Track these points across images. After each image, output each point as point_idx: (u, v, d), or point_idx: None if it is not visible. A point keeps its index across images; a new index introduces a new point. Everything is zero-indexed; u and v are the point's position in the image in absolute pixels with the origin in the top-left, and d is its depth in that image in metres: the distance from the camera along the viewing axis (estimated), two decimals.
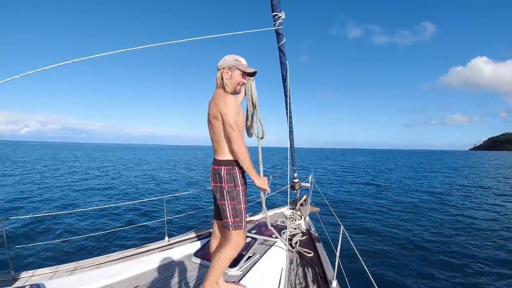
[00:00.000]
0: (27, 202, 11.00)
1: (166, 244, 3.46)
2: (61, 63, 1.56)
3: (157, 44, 1.80)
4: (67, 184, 15.80)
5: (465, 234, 7.59)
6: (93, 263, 2.92)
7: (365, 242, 6.92)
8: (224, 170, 2.02)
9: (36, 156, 45.43)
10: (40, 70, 1.52)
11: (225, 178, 2.01)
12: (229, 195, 2.01)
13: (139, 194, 13.28)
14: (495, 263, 5.75)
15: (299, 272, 2.78)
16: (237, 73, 2.07)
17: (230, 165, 2.03)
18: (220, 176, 2.02)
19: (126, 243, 6.57)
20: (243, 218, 2.05)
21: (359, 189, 15.73)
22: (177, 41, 1.90)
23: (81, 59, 1.57)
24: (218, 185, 2.03)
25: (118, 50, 1.69)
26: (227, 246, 2.05)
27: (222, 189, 2.02)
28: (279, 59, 3.21)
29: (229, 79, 2.06)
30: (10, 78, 1.36)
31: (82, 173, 21.79)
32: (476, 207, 11.18)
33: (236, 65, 2.05)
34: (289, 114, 3.74)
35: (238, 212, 2.03)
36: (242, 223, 2.05)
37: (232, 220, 2.02)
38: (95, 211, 9.05)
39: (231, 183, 2.01)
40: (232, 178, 2.02)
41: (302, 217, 4.49)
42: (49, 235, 7.09)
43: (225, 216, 2.03)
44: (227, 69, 2.06)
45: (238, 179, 2.04)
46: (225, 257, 2.04)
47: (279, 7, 2.73)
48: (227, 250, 2.04)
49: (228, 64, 2.05)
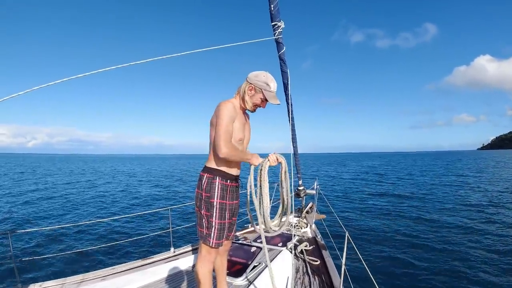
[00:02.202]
0: (34, 215, 11.05)
1: (172, 255, 3.45)
2: (65, 78, 1.60)
3: (158, 58, 1.83)
4: (73, 196, 15.88)
5: (483, 243, 7.30)
6: (99, 275, 2.92)
7: (371, 249, 6.82)
8: (206, 177, 1.95)
9: (43, 168, 45.77)
10: (44, 85, 1.56)
11: (204, 187, 1.94)
12: (205, 205, 1.94)
13: (145, 205, 13.29)
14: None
15: (306, 281, 2.75)
16: (259, 96, 2.01)
17: (212, 174, 1.95)
18: (201, 182, 1.97)
19: (132, 254, 6.55)
20: (213, 234, 1.92)
21: (365, 195, 15.55)
22: (179, 53, 1.93)
23: (85, 74, 1.60)
24: (199, 192, 1.97)
25: (122, 65, 1.73)
26: (198, 261, 2.00)
27: (200, 197, 1.95)
28: (280, 68, 3.24)
29: (250, 97, 2.01)
30: (15, 94, 1.40)
31: (87, 185, 21.90)
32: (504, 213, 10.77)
33: (263, 89, 1.98)
34: (291, 122, 3.75)
35: (210, 225, 1.93)
36: (210, 238, 1.92)
37: (205, 231, 1.94)
38: (101, 223, 9.06)
39: (208, 192, 1.93)
40: (209, 188, 1.93)
41: (308, 225, 4.45)
42: (56, 248, 7.11)
43: (200, 224, 1.97)
44: (254, 87, 1.99)
45: (216, 190, 1.93)
46: (200, 273, 1.96)
47: (278, 16, 2.76)
48: (198, 266, 1.98)
49: (257, 84, 1.98)
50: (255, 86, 1.98)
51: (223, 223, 1.97)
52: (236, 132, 1.95)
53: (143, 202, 14.15)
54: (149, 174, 34.38)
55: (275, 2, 2.71)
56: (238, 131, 1.97)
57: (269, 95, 2.00)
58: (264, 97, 2.00)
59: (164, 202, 14.09)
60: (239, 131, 1.98)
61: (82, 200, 14.52)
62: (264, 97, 2.01)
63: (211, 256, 1.98)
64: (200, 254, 1.99)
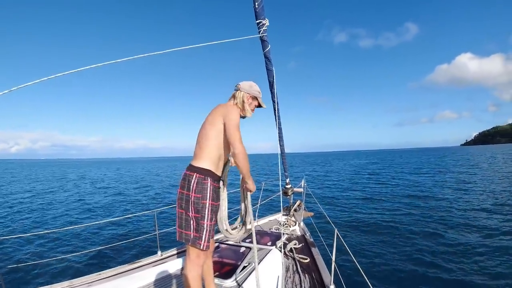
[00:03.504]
0: (16, 221, 10.65)
1: (159, 258, 3.38)
2: (44, 78, 1.53)
3: (141, 55, 1.78)
4: (55, 202, 15.37)
5: (466, 233, 7.55)
6: (86, 281, 2.84)
7: (360, 244, 6.92)
8: (196, 177, 1.89)
9: (25, 174, 44.29)
10: (22, 86, 1.49)
11: (194, 187, 1.88)
12: (194, 206, 1.87)
13: (130, 209, 13.01)
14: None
15: (296, 279, 2.75)
16: (255, 103, 2.24)
17: (204, 175, 1.90)
18: (189, 182, 1.89)
19: (119, 259, 6.39)
20: (204, 236, 1.88)
21: (353, 192, 15.79)
22: (162, 51, 1.89)
23: (64, 73, 1.54)
24: (185, 193, 1.90)
25: (103, 63, 1.67)
26: (187, 265, 1.94)
27: (188, 198, 1.88)
28: (265, 66, 3.22)
29: (249, 105, 2.20)
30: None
31: (70, 190, 21.29)
32: (471, 203, 11.28)
33: (258, 97, 2.24)
34: (278, 120, 3.74)
35: (200, 228, 1.87)
36: (201, 241, 1.88)
37: (193, 234, 1.88)
38: (85, 229, 8.80)
39: (199, 193, 1.87)
40: (201, 189, 1.88)
41: (296, 223, 4.46)
42: (40, 254, 6.89)
43: (187, 227, 1.90)
44: (251, 97, 2.20)
45: (208, 191, 1.89)
46: (190, 277, 1.91)
47: (262, 14, 2.75)
48: (187, 270, 1.92)
49: (254, 94, 2.21)
50: (252, 95, 2.20)
51: (212, 224, 1.95)
52: None
53: (127, 205, 13.82)
54: (132, 177, 33.77)
55: (259, 0, 2.69)
56: None
57: (262, 101, 2.28)
58: (258, 103, 2.26)
59: (149, 204, 13.84)
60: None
61: (64, 205, 14.06)
62: (258, 104, 2.26)
63: (201, 259, 1.94)
64: (189, 258, 1.94)
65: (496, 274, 5.17)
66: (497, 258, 5.80)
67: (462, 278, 5.10)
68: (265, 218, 4.94)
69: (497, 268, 5.41)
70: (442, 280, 5.04)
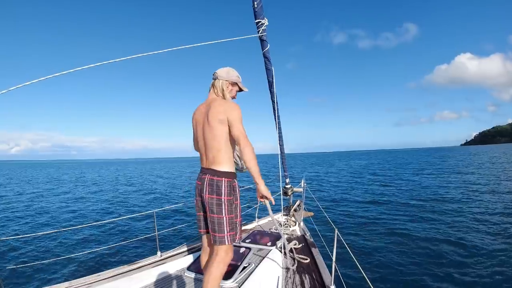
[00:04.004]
0: (14, 222, 10.63)
1: (159, 259, 3.37)
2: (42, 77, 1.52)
3: (139, 55, 1.77)
4: (54, 203, 15.35)
5: (472, 235, 7.40)
6: (85, 282, 2.82)
7: (361, 244, 6.91)
8: (225, 182, 1.95)
9: (25, 175, 44.25)
10: (21, 86, 1.48)
11: (226, 191, 1.94)
12: (228, 209, 1.95)
13: (129, 209, 12.99)
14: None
15: (296, 280, 2.73)
16: (235, 89, 2.21)
17: (231, 177, 1.99)
18: (218, 187, 1.94)
19: (118, 260, 6.37)
20: (238, 231, 2.03)
21: (353, 192, 15.79)
22: (160, 50, 1.88)
23: (62, 73, 1.52)
24: (216, 197, 1.94)
25: (102, 62, 1.66)
26: (215, 261, 1.97)
27: (220, 202, 1.94)
28: (264, 66, 3.21)
29: (229, 92, 2.16)
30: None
31: (69, 191, 21.26)
32: (478, 204, 11.17)
33: (238, 82, 2.18)
34: (277, 120, 3.73)
35: (234, 225, 1.99)
36: (237, 236, 2.02)
37: (228, 234, 1.96)
38: (84, 229, 8.79)
39: (230, 196, 1.96)
40: (231, 191, 1.97)
41: (296, 223, 4.44)
42: (39, 256, 6.88)
43: (220, 230, 1.95)
44: (230, 83, 2.15)
45: (237, 192, 2.02)
46: (217, 273, 1.95)
47: (261, 14, 2.74)
48: (216, 266, 1.96)
49: (232, 79, 2.15)
50: (231, 81, 2.15)
51: (241, 219, 2.13)
52: None
53: (126, 206, 13.81)
54: (130, 178, 33.75)
55: (258, 0, 2.68)
56: None
57: (242, 85, 2.23)
58: (239, 88, 2.23)
59: (148, 205, 13.83)
60: None
61: (63, 206, 14.04)
62: (239, 88, 2.23)
63: (229, 256, 2.01)
64: (217, 256, 1.97)
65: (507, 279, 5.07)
66: (505, 260, 5.73)
67: (467, 281, 5.04)
68: (265, 218, 4.93)
69: (506, 271, 5.31)
70: (444, 282, 5.01)
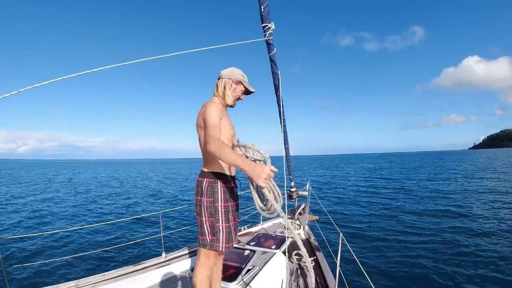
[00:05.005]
0: (22, 221, 10.79)
1: (164, 260, 3.39)
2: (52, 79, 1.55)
3: (148, 58, 1.80)
4: (61, 202, 15.56)
5: (483, 242, 7.28)
6: (89, 282, 2.85)
7: (366, 249, 6.85)
8: (206, 182, 1.90)
9: (33, 175, 44.86)
10: (30, 87, 1.51)
11: (206, 192, 1.89)
12: (207, 211, 1.88)
13: (135, 210, 13.10)
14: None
15: (300, 283, 2.73)
16: (240, 88, 2.09)
17: (213, 178, 1.91)
18: (201, 188, 1.91)
19: (123, 260, 6.43)
20: (222, 238, 1.88)
21: (358, 196, 15.67)
22: (169, 54, 1.90)
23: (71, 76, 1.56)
24: (198, 198, 1.92)
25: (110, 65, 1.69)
26: (196, 265, 1.96)
27: (200, 203, 1.90)
28: (271, 69, 3.22)
29: (232, 91, 2.06)
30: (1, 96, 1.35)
31: (75, 191, 21.50)
32: (482, 209, 11.00)
33: (243, 81, 2.08)
34: (283, 123, 3.73)
35: (216, 230, 1.88)
36: (220, 244, 1.87)
37: (210, 238, 1.88)
38: (90, 229, 8.90)
39: (210, 197, 1.88)
40: (212, 193, 1.89)
41: (301, 226, 4.44)
42: (45, 255, 6.98)
43: (202, 232, 1.91)
44: (234, 82, 2.06)
45: (219, 194, 1.89)
46: (198, 277, 1.93)
47: (268, 18, 2.75)
48: (199, 270, 1.94)
49: (236, 78, 2.05)
50: (234, 80, 2.05)
51: (229, 225, 1.93)
52: (227, 129, 1.95)
53: (132, 206, 13.93)
54: (138, 179, 33.98)
55: (265, 4, 2.70)
56: (229, 127, 1.98)
57: (247, 85, 2.10)
58: (244, 87, 2.10)
59: (154, 206, 13.92)
60: (229, 127, 1.99)
61: (70, 206, 14.22)
62: (244, 88, 2.11)
63: (210, 261, 1.95)
64: (198, 260, 1.96)
65: None
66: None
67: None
68: (269, 221, 4.93)
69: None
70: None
